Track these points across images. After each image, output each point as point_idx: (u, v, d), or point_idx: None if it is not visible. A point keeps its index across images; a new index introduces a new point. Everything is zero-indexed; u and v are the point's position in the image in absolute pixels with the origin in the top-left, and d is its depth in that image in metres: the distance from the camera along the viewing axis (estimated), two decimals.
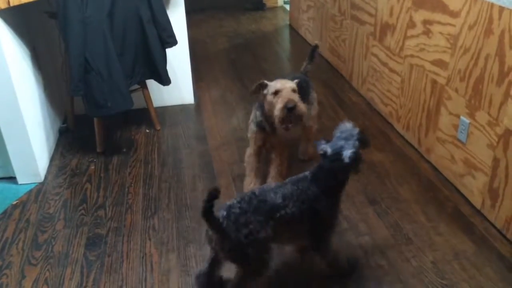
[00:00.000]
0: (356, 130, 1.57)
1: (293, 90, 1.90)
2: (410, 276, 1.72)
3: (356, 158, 1.51)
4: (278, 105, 1.85)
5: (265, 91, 1.94)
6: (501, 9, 1.79)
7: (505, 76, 1.81)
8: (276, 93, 1.89)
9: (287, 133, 2.00)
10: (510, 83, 1.79)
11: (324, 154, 1.55)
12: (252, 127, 2.08)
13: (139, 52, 2.50)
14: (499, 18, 1.81)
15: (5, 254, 1.88)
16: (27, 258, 1.85)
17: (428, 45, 2.33)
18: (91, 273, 1.77)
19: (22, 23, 2.38)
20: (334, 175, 1.56)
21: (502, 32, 1.80)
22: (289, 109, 1.82)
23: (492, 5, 1.84)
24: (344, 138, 1.55)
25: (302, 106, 1.86)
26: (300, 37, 4.55)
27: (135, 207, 2.14)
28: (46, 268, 1.80)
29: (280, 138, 2.06)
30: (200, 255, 1.85)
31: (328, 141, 1.58)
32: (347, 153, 1.50)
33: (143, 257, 1.85)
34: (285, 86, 1.89)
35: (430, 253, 1.83)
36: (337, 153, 1.52)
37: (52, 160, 2.53)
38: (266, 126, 2.02)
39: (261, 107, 1.99)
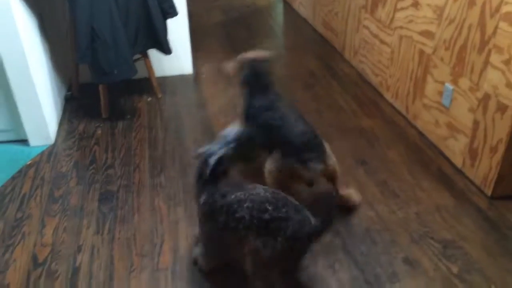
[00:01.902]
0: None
1: None
2: (396, 225, 1.91)
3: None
4: None
5: None
6: None
7: (486, 44, 1.97)
8: None
9: None
10: (489, 50, 1.95)
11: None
12: None
13: (142, 22, 2.61)
14: None
15: (25, 207, 2.03)
16: (46, 210, 2.01)
17: (416, 17, 2.48)
18: (106, 223, 1.94)
19: None
20: None
21: (484, 3, 1.96)
22: None
23: None
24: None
25: None
26: (294, 11, 4.66)
27: (142, 167, 2.29)
28: (64, 219, 1.96)
29: None
30: None
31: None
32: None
33: (152, 210, 2.01)
34: None
35: (414, 206, 2.02)
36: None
37: (60, 125, 2.66)
38: None
39: None
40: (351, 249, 1.80)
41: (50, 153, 2.41)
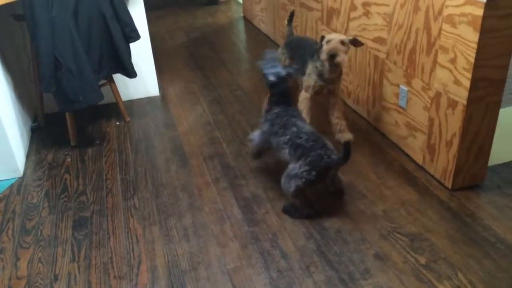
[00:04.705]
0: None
1: (341, 42, 2.25)
2: (365, 224, 1.99)
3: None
4: (324, 51, 2.27)
5: (322, 42, 2.31)
6: None
7: (432, 46, 2.10)
8: (328, 42, 2.27)
9: None
10: (436, 51, 2.08)
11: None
12: (314, 76, 2.45)
13: (105, 48, 2.64)
14: None
15: None
16: (19, 243, 1.99)
17: (368, 25, 2.61)
18: (81, 250, 1.94)
19: None
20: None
21: (427, 8, 2.09)
22: (331, 56, 2.24)
23: None
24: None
25: (342, 56, 2.24)
26: (255, 27, 4.78)
27: (115, 191, 2.31)
28: (38, 250, 1.95)
29: (336, 85, 2.48)
30: (180, 225, 2.05)
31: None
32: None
33: (128, 232, 2.03)
34: (335, 37, 2.26)
35: (381, 204, 2.11)
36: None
37: (28, 156, 2.65)
38: (325, 74, 2.40)
39: (321, 60, 2.36)
40: (325, 250, 1.86)
41: (19, 185, 2.40)
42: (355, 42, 2.31)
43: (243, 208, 2.13)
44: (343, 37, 2.27)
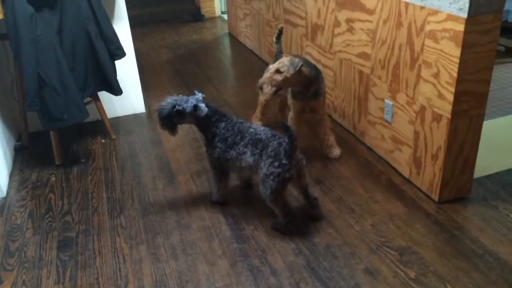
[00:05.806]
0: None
1: (276, 70, 2.23)
2: (354, 238, 1.99)
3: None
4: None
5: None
6: (407, 4, 2.12)
7: (416, 61, 2.14)
8: (267, 71, 2.29)
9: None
10: (420, 66, 2.12)
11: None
12: (291, 96, 2.50)
13: (90, 66, 2.63)
14: (406, 12, 2.14)
15: None
16: (2, 265, 1.94)
17: (352, 41, 2.64)
18: (66, 271, 1.90)
19: None
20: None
21: (410, 24, 2.13)
22: (260, 88, 2.29)
23: (400, 1, 2.17)
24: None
25: (266, 90, 2.25)
26: (240, 43, 4.81)
27: (101, 210, 2.27)
28: (22, 272, 1.90)
29: (316, 103, 2.47)
30: (168, 244, 2.02)
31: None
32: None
33: (114, 252, 1.99)
34: (272, 65, 2.27)
35: (369, 218, 2.11)
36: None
37: (11, 176, 2.60)
38: (297, 95, 2.44)
39: None
40: (314, 266, 1.85)
41: (2, 206, 2.34)
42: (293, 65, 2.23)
43: (231, 225, 2.11)
44: (282, 63, 2.22)
